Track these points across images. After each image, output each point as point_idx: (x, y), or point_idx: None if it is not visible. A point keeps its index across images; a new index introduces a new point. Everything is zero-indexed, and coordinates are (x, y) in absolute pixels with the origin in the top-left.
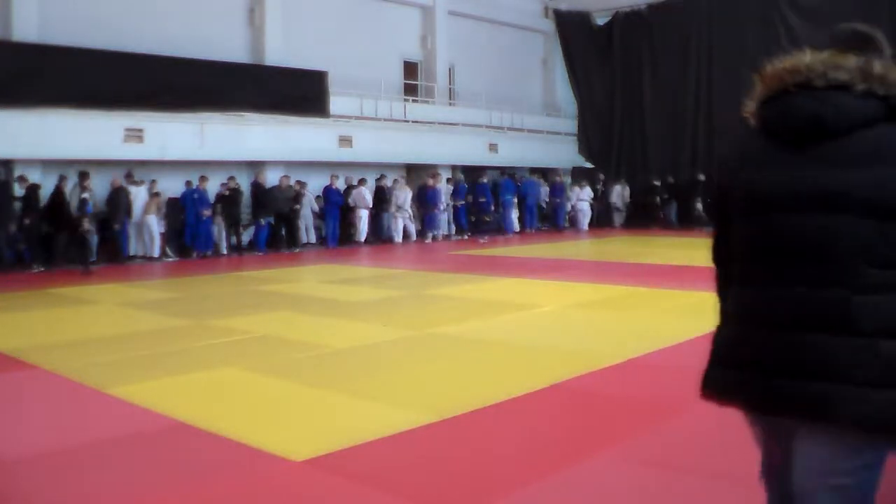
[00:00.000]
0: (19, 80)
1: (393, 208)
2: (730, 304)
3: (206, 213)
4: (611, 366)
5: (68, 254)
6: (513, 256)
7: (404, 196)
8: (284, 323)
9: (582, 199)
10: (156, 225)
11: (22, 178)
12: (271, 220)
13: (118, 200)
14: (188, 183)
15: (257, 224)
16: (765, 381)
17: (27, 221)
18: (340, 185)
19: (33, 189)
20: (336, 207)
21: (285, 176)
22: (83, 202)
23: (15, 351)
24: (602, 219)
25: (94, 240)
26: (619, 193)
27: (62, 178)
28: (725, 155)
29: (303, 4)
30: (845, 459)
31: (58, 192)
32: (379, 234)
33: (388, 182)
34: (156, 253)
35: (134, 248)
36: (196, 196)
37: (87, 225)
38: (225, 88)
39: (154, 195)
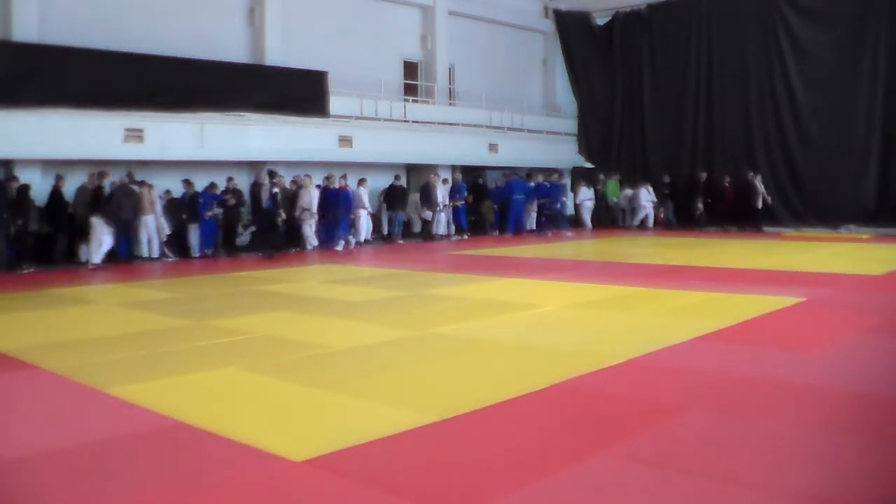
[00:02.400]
0: (19, 80)
1: (297, 212)
2: None
3: (208, 213)
4: (611, 366)
5: (256, 242)
6: (513, 256)
7: (308, 198)
8: (284, 323)
9: (587, 198)
10: (153, 224)
11: (14, 178)
12: None
13: (120, 198)
14: (187, 182)
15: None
16: None
17: (20, 222)
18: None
19: (24, 189)
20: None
21: (282, 176)
22: (275, 196)
23: (15, 351)
24: (603, 218)
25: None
26: (627, 196)
27: (59, 178)
28: None
29: (303, 4)
30: None
31: (56, 192)
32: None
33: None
34: (156, 253)
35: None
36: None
37: (283, 216)
38: (225, 88)
39: (146, 189)
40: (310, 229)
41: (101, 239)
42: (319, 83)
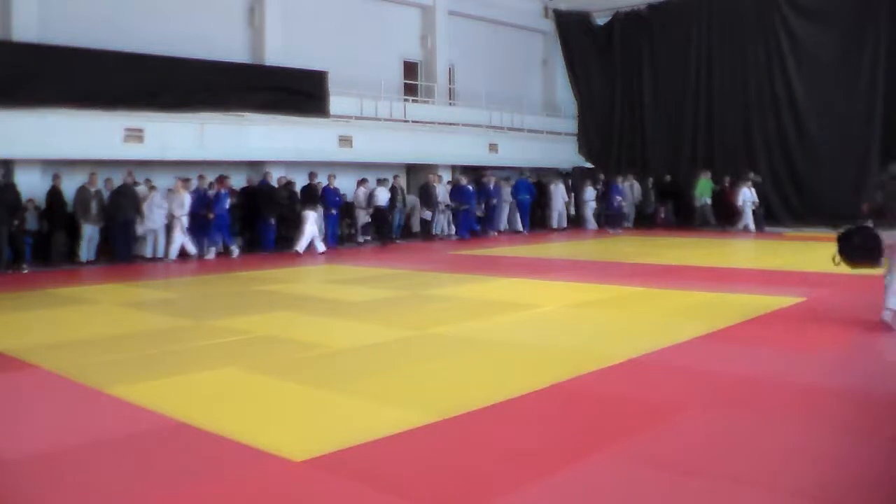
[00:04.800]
0: (19, 80)
1: (166, 217)
2: None
3: (209, 213)
4: (611, 366)
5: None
6: (513, 256)
7: (178, 201)
8: (284, 323)
9: (589, 199)
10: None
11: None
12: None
13: (118, 200)
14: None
15: (265, 223)
16: None
17: (16, 222)
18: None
19: (7, 188)
20: (335, 207)
21: (282, 176)
22: (395, 195)
23: (15, 351)
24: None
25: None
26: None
27: (56, 177)
28: None
29: (303, 4)
30: None
31: (55, 191)
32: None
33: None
34: (160, 253)
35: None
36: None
37: (400, 210)
38: (225, 88)
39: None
40: (181, 237)
41: (310, 230)
42: (319, 83)
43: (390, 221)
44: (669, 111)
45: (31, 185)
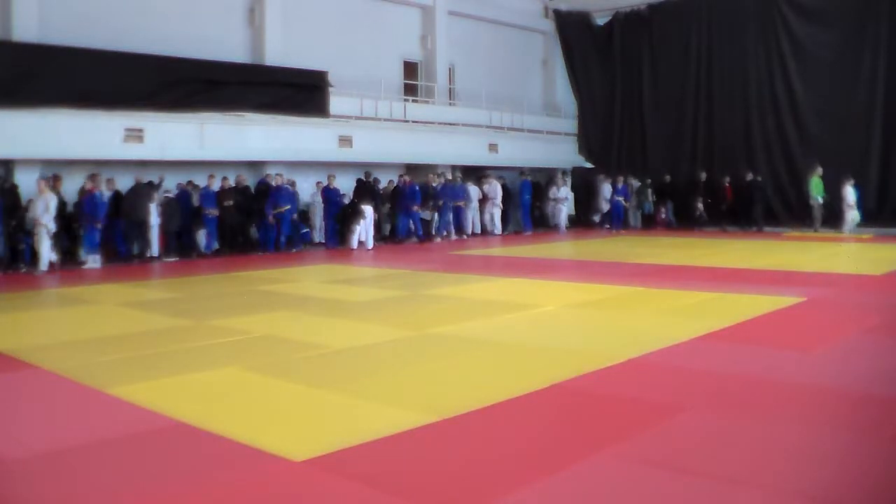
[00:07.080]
0: (19, 80)
1: (28, 223)
2: None
3: (213, 212)
4: (611, 366)
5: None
6: (513, 256)
7: (45, 205)
8: (284, 323)
9: (559, 197)
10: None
11: (5, 179)
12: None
13: (132, 199)
14: (189, 182)
15: (266, 223)
16: None
17: (14, 222)
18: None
19: (12, 189)
20: (336, 207)
21: (279, 175)
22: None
23: (15, 351)
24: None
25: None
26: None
27: (56, 179)
28: None
29: (303, 4)
30: None
31: (54, 192)
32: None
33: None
34: (155, 252)
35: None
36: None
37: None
38: (225, 88)
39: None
40: (46, 245)
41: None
42: (319, 83)
43: (360, 215)
44: (669, 111)
45: (31, 185)
